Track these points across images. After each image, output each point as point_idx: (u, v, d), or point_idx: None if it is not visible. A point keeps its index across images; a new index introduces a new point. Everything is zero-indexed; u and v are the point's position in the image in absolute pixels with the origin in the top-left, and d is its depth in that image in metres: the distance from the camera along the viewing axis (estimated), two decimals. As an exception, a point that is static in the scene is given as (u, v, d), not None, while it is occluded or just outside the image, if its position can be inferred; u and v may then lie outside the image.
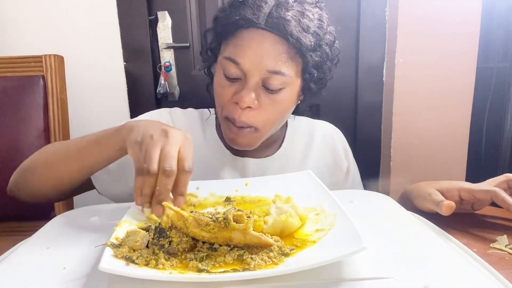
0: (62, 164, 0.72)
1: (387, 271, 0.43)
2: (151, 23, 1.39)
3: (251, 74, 0.73)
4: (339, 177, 0.96)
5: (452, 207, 0.64)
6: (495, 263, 0.51)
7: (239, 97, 0.73)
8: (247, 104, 0.73)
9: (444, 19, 1.31)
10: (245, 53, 0.72)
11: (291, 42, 0.72)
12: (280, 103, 0.76)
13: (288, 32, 0.71)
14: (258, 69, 0.72)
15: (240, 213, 0.50)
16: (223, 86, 0.76)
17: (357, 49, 1.39)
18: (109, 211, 0.65)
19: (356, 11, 1.37)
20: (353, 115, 1.45)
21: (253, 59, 0.72)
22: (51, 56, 1.11)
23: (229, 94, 0.75)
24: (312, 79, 0.78)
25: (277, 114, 0.78)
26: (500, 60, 1.35)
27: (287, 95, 0.77)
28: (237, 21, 0.73)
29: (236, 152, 0.88)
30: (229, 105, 0.76)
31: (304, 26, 0.73)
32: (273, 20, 0.72)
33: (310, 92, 0.81)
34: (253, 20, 0.72)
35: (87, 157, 0.69)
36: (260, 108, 0.75)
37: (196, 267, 0.43)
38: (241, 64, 0.73)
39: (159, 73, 1.41)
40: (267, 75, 0.73)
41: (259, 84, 0.74)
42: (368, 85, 1.41)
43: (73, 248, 0.52)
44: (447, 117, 1.38)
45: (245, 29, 0.73)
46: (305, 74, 0.77)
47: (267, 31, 0.72)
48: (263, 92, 0.75)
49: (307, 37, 0.73)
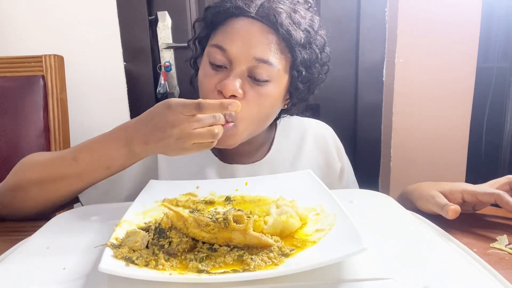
0: (63, 182, 0.70)
1: (387, 272, 0.43)
2: (151, 23, 1.39)
3: (238, 61, 0.71)
4: (333, 179, 0.93)
5: (458, 211, 0.63)
6: (495, 263, 0.51)
7: (223, 84, 0.70)
8: (231, 92, 0.70)
9: (444, 19, 1.31)
10: (233, 40, 0.72)
11: (280, 33, 0.71)
12: (265, 97, 0.74)
13: (278, 23, 0.71)
14: (245, 56, 0.71)
15: (240, 213, 0.50)
16: (208, 75, 0.74)
17: (357, 49, 1.39)
18: (109, 211, 0.65)
19: (356, 11, 1.37)
20: (353, 115, 1.45)
21: (240, 46, 0.71)
22: (51, 56, 1.11)
23: (213, 83, 0.73)
24: (300, 77, 0.76)
25: (261, 110, 0.75)
26: (500, 60, 1.35)
27: (273, 90, 0.74)
28: (228, 9, 0.73)
29: (224, 158, 0.86)
30: (213, 95, 0.73)
31: (295, 20, 0.73)
32: (264, 10, 0.72)
33: (297, 92, 0.79)
34: (244, 9, 0.72)
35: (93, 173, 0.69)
36: (244, 100, 0.72)
37: (196, 268, 0.43)
38: (228, 51, 0.71)
39: (159, 73, 1.41)
40: (254, 63, 0.71)
41: (245, 74, 0.72)
42: (368, 85, 1.41)
43: (73, 248, 0.52)
44: (447, 117, 1.38)
45: (236, 17, 0.73)
46: (293, 70, 0.76)
47: (258, 21, 0.72)
48: (249, 84, 0.73)
49: (297, 31, 0.73)
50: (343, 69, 1.40)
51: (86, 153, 0.68)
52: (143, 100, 1.42)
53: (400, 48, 1.34)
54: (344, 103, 1.45)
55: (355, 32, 1.39)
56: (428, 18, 1.31)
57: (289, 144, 0.91)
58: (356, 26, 1.38)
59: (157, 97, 1.43)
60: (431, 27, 1.31)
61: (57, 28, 1.35)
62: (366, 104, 1.42)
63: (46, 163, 0.72)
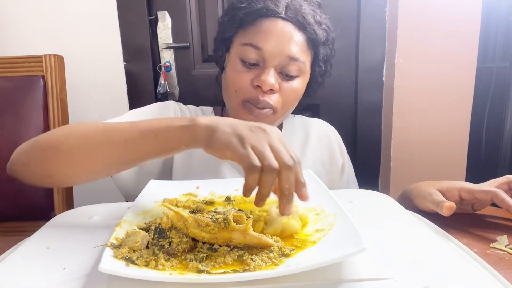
0: (104, 153, 0.59)
1: (387, 272, 0.43)
2: (151, 23, 1.39)
3: (272, 59, 0.77)
4: (334, 175, 0.97)
5: (452, 208, 0.64)
6: (495, 263, 0.51)
7: (261, 80, 0.76)
8: (270, 87, 0.76)
9: (444, 19, 1.31)
10: (267, 39, 0.76)
11: (308, 32, 0.78)
12: (295, 90, 0.81)
13: (306, 22, 0.77)
14: (279, 54, 0.76)
15: (240, 213, 0.50)
16: (240, 72, 0.79)
17: (357, 49, 1.39)
18: (109, 211, 0.65)
19: (356, 11, 1.37)
20: (353, 115, 1.45)
21: (275, 45, 0.76)
22: (51, 56, 1.11)
23: (247, 79, 0.78)
24: (320, 73, 0.84)
25: (292, 100, 0.82)
26: (500, 60, 1.35)
27: (301, 83, 0.82)
28: (259, 10, 0.77)
29: None
30: (249, 89, 0.78)
31: (317, 20, 0.79)
32: (292, 11, 0.78)
33: (314, 85, 0.87)
34: (275, 10, 0.77)
35: (140, 150, 0.58)
36: (280, 92, 0.79)
37: (196, 268, 0.43)
38: (263, 49, 0.76)
39: (159, 73, 1.41)
40: (286, 61, 0.77)
41: (277, 69, 0.78)
42: (368, 85, 1.41)
43: (73, 248, 0.52)
44: (447, 117, 1.38)
45: (266, 17, 0.78)
46: (315, 66, 0.83)
47: (287, 21, 0.77)
48: (281, 78, 0.79)
49: (320, 30, 0.79)
50: (343, 69, 1.40)
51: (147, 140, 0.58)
52: (143, 100, 1.42)
53: (400, 48, 1.34)
54: (344, 103, 1.44)
55: (355, 32, 1.38)
56: (428, 18, 1.31)
57: (295, 141, 0.95)
58: (356, 26, 1.38)
59: (157, 97, 1.43)
60: (431, 27, 1.31)
61: (57, 28, 1.35)
62: (366, 104, 1.42)
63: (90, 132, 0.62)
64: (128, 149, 0.58)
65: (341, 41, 1.39)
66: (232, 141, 0.51)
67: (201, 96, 1.37)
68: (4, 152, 1.06)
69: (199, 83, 1.40)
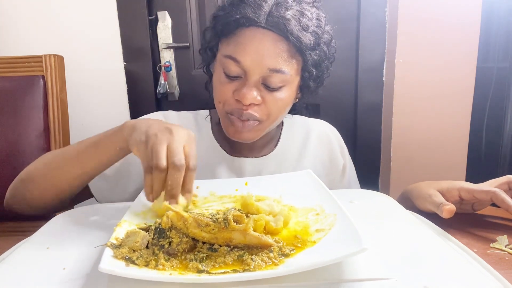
0: (61, 171, 0.71)
1: (387, 272, 0.43)
2: (151, 23, 1.39)
3: (252, 72, 0.73)
4: (335, 176, 0.96)
5: (452, 211, 0.64)
6: (495, 263, 0.51)
7: (241, 95, 0.74)
8: (250, 101, 0.74)
9: (444, 19, 1.31)
10: (246, 52, 0.73)
11: (291, 41, 0.72)
12: (281, 100, 0.77)
13: (288, 31, 0.71)
14: (259, 67, 0.73)
15: (240, 213, 0.50)
16: (223, 84, 0.77)
17: (357, 49, 1.39)
18: (109, 211, 0.65)
19: (356, 11, 1.37)
20: (353, 115, 1.45)
21: (254, 58, 0.72)
22: (51, 56, 1.11)
23: (229, 91, 0.76)
24: (311, 78, 0.79)
25: (278, 110, 0.79)
26: (500, 60, 1.35)
27: (287, 92, 0.78)
28: (238, 20, 0.73)
29: (232, 152, 0.89)
30: (231, 101, 0.76)
31: (303, 25, 0.73)
32: (274, 19, 0.72)
33: (308, 90, 0.82)
34: (254, 19, 0.72)
35: (86, 160, 0.69)
36: (263, 104, 0.76)
37: (196, 268, 0.43)
38: (242, 62, 0.73)
39: (159, 73, 1.41)
40: (267, 73, 0.73)
41: (259, 81, 0.75)
42: (368, 85, 1.41)
43: (73, 248, 0.52)
44: (447, 117, 1.38)
45: (246, 27, 0.73)
46: (304, 72, 0.78)
47: (268, 30, 0.73)
48: (264, 89, 0.76)
49: (306, 36, 0.73)
50: (343, 69, 1.40)
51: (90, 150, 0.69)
52: (143, 100, 1.42)
53: (400, 48, 1.34)
54: (344, 103, 1.45)
55: (355, 32, 1.38)
56: (428, 18, 1.31)
57: (295, 141, 0.94)
58: (356, 26, 1.38)
59: (157, 97, 1.43)
60: (431, 27, 1.31)
61: (57, 28, 1.35)
62: (366, 104, 1.42)
63: (54, 155, 0.75)
64: (79, 163, 0.69)
65: (341, 41, 1.39)
66: (141, 141, 0.59)
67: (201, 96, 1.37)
68: (4, 152, 1.07)
69: (199, 83, 1.40)
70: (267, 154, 0.90)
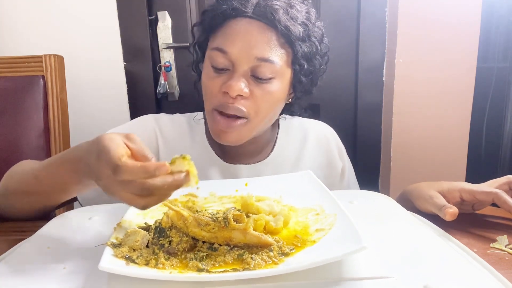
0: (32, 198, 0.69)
1: (387, 271, 0.43)
2: (151, 23, 1.39)
3: (240, 62, 0.72)
4: (334, 179, 0.94)
5: (455, 214, 0.63)
6: (495, 263, 0.51)
7: (228, 85, 0.71)
8: (237, 92, 0.71)
9: (444, 19, 1.31)
10: (233, 42, 0.72)
11: (279, 29, 0.71)
12: (272, 94, 0.74)
13: (276, 19, 0.71)
14: (246, 56, 0.71)
15: (240, 212, 0.50)
16: (211, 78, 0.74)
17: (357, 49, 1.39)
18: (109, 211, 0.65)
19: (356, 11, 1.37)
20: (353, 115, 1.45)
21: (241, 47, 0.71)
22: (51, 56, 1.11)
23: (217, 85, 0.73)
24: (302, 71, 0.77)
25: (268, 105, 0.76)
26: (500, 60, 1.35)
27: (278, 85, 0.75)
28: (225, 11, 0.73)
29: (227, 159, 0.86)
30: (218, 96, 0.74)
31: (292, 15, 0.73)
32: (261, 8, 0.72)
33: (301, 86, 0.79)
34: (241, 9, 0.72)
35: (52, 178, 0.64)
36: (251, 98, 0.73)
37: (196, 267, 0.43)
38: (229, 53, 0.72)
39: (159, 73, 1.41)
40: (256, 63, 0.72)
41: (248, 73, 0.73)
42: (368, 85, 1.41)
43: (73, 248, 0.52)
44: (447, 117, 1.38)
45: (233, 18, 0.73)
46: (295, 65, 0.76)
47: (255, 20, 0.72)
48: (253, 82, 0.73)
49: (295, 26, 0.72)
50: (343, 69, 1.40)
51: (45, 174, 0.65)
52: (143, 100, 1.42)
53: (400, 48, 1.34)
54: (344, 103, 1.45)
55: (355, 32, 1.39)
56: (428, 18, 1.31)
57: (292, 144, 0.91)
58: (356, 26, 1.38)
59: (157, 97, 1.43)
60: (431, 27, 1.31)
61: (57, 28, 1.35)
62: (366, 104, 1.42)
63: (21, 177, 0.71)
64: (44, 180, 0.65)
65: (341, 41, 1.40)
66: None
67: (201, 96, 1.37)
68: (4, 152, 1.07)
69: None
70: (263, 159, 0.88)
